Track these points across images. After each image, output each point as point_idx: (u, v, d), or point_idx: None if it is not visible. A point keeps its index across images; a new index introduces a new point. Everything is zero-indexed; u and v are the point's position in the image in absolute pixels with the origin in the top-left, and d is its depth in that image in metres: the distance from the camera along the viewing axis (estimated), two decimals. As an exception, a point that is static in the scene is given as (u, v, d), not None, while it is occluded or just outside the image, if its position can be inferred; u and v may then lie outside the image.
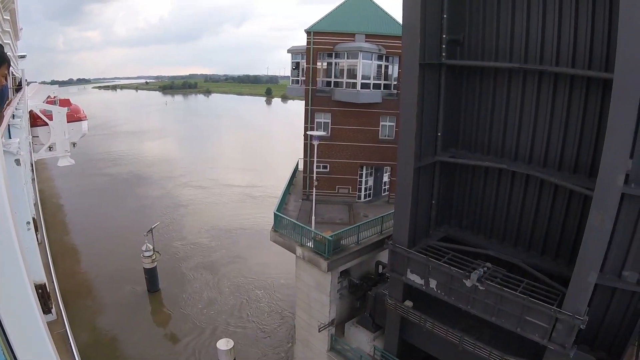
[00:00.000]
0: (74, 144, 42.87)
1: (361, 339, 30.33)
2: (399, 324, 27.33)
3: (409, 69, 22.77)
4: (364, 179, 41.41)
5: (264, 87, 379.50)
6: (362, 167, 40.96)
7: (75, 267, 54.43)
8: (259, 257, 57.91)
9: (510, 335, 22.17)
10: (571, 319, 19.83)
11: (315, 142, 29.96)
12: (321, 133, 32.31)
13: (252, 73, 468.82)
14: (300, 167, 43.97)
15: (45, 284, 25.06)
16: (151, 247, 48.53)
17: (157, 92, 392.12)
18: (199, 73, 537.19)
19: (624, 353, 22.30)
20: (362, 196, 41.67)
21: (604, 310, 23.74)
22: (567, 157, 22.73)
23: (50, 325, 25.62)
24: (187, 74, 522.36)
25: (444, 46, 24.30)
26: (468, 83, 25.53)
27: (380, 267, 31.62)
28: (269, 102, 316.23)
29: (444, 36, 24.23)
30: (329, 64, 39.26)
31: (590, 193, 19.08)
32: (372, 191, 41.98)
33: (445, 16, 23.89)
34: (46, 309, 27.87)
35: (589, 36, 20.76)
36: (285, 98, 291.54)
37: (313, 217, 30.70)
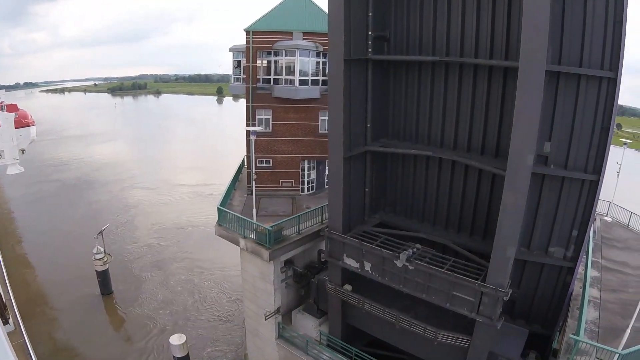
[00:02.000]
0: (22, 151, 42.62)
1: (307, 325, 31.57)
2: (341, 308, 28.72)
3: (335, 65, 24.10)
4: (306, 173, 42.60)
5: (216, 86, 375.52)
6: (303, 161, 42.16)
7: (29, 276, 54.33)
8: (208, 253, 59.05)
9: (446, 312, 23.70)
10: (495, 292, 21.45)
11: (253, 137, 30.96)
12: (258, 128, 33.43)
13: (203, 72, 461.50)
14: (246, 163, 44.59)
15: (0, 295, 25.34)
16: (102, 250, 48.84)
17: (106, 94, 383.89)
18: (149, 73, 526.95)
19: (557, 325, 24.13)
20: (305, 189, 42.87)
21: (535, 286, 25.91)
22: (489, 142, 24.61)
23: (9, 336, 25.99)
24: (137, 74, 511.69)
25: (369, 42, 25.73)
26: (395, 76, 27.15)
27: (322, 255, 32.83)
28: (220, 102, 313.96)
29: (370, 33, 25.67)
30: (269, 61, 40.33)
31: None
32: (314, 184, 43.17)
33: (370, 14, 25.36)
34: (4, 320, 28.10)
35: (505, 29, 22.56)
36: (237, 97, 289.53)
37: (254, 209, 31.70)
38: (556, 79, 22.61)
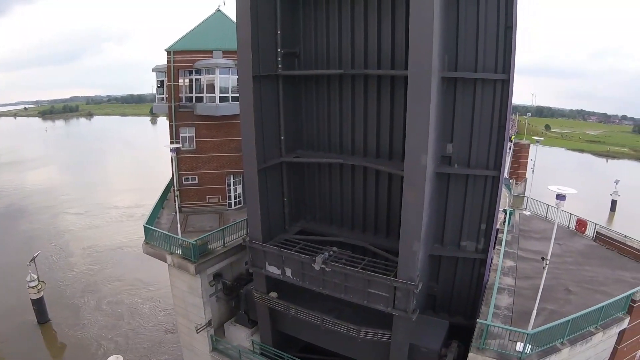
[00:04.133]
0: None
1: (240, 335, 32.11)
2: (269, 316, 29.40)
3: (244, 82, 25.02)
4: (232, 187, 43.09)
5: (149, 106, 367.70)
6: (229, 176, 42.62)
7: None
8: (141, 272, 59.22)
9: (368, 310, 24.79)
10: (406, 286, 22.66)
11: (173, 155, 31.47)
12: (177, 146, 33.85)
13: (136, 92, 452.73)
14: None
15: None
16: (35, 277, 48.01)
17: (37, 118, 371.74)
18: (80, 95, 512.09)
19: (477, 314, 25.50)
20: (233, 204, 43.33)
21: (452, 279, 27.53)
22: (395, 147, 26.04)
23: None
24: (69, 96, 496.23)
25: (279, 59, 26.71)
26: (306, 90, 28.31)
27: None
28: (154, 122, 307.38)
29: (279, 50, 26.67)
30: (190, 80, 40.75)
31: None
32: (241, 198, 43.50)
33: (279, 32, 26.37)
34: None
35: (405, 41, 23.81)
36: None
37: (179, 225, 32.20)
38: (454, 84, 24.30)
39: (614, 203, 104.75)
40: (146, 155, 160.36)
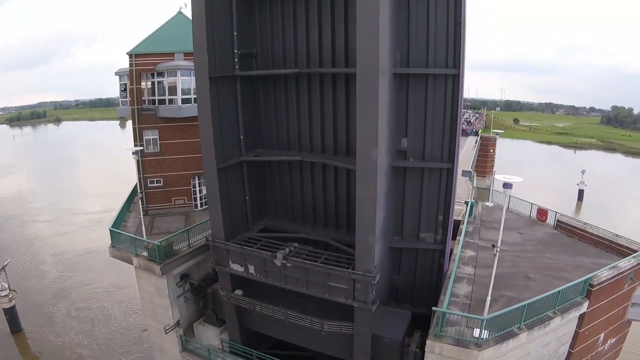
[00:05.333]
0: None
1: (209, 335, 32.39)
2: (236, 313, 29.75)
3: (201, 83, 25.40)
4: (197, 189, 43.18)
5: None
6: (194, 177, 42.74)
7: None
8: (111, 276, 59.24)
9: (332, 304, 25.35)
10: (364, 277, 23.27)
11: (135, 157, 31.59)
12: (139, 148, 33.88)
13: (104, 96, 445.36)
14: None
15: None
16: (6, 286, 47.60)
17: (5, 125, 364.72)
18: (48, 100, 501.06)
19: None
20: (199, 205, 43.42)
21: (413, 270, 28.27)
22: (352, 143, 26.47)
23: None
24: (36, 102, 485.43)
25: (236, 60, 27.07)
26: (264, 90, 28.72)
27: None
28: (123, 126, 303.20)
29: (236, 51, 27.03)
30: (153, 83, 40.83)
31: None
32: (207, 199, 43.34)
33: (235, 34, 26.73)
34: None
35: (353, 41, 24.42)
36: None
37: (143, 228, 32.29)
38: (406, 80, 24.96)
39: (581, 192, 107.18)
40: (115, 159, 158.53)
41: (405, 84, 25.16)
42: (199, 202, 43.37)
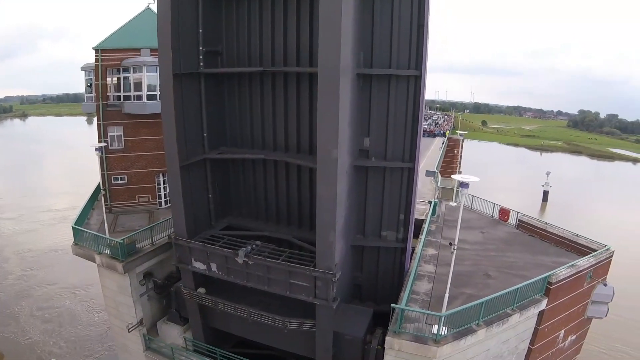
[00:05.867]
0: None
1: (173, 333, 32.13)
2: (199, 312, 29.64)
3: (165, 80, 25.22)
4: (162, 186, 42.86)
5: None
6: (159, 175, 42.45)
7: None
8: (75, 274, 58.39)
9: (295, 301, 25.51)
10: (324, 275, 23.53)
11: (98, 154, 31.32)
12: (102, 145, 33.59)
13: (72, 92, 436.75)
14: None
15: None
16: (-31, 287, 46.80)
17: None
18: (15, 95, 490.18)
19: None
20: (163, 203, 43.12)
21: (375, 269, 28.64)
22: (314, 142, 26.57)
23: None
24: (2, 96, 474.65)
25: (201, 57, 26.98)
26: (229, 87, 28.69)
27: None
28: (90, 122, 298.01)
29: (201, 48, 26.93)
30: (119, 78, 40.43)
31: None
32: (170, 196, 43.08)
33: (200, 31, 26.60)
34: None
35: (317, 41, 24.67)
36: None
37: (106, 225, 32.06)
38: (369, 81, 25.26)
39: (545, 193, 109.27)
40: (82, 156, 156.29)
41: (369, 84, 25.53)
42: (163, 199, 43.09)
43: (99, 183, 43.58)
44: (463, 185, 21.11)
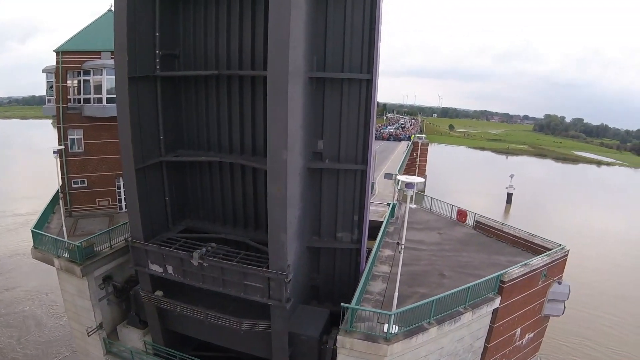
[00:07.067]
0: None
1: (133, 337, 32.06)
2: (157, 315, 29.64)
3: (120, 82, 25.26)
4: (122, 190, 42.48)
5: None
6: (119, 178, 42.10)
7: None
8: (37, 278, 57.73)
9: (251, 303, 25.79)
10: (277, 276, 23.87)
11: (56, 157, 31.22)
12: (60, 147, 33.40)
13: (38, 94, 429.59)
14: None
15: None
16: None
17: None
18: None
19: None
20: (123, 206, 42.69)
21: (332, 270, 29.15)
22: (270, 144, 27.04)
23: None
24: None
25: (158, 60, 27.13)
26: (186, 91, 28.85)
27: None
28: (55, 125, 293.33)
29: (158, 51, 27.08)
30: (79, 81, 40.38)
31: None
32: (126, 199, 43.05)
33: (158, 34, 26.73)
34: None
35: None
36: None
37: (64, 228, 32.00)
38: (322, 84, 25.76)
39: (509, 196, 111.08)
40: (46, 159, 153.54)
41: (322, 87, 26.07)
42: (123, 203, 42.64)
43: (60, 187, 43.44)
44: (408, 185, 21.75)
